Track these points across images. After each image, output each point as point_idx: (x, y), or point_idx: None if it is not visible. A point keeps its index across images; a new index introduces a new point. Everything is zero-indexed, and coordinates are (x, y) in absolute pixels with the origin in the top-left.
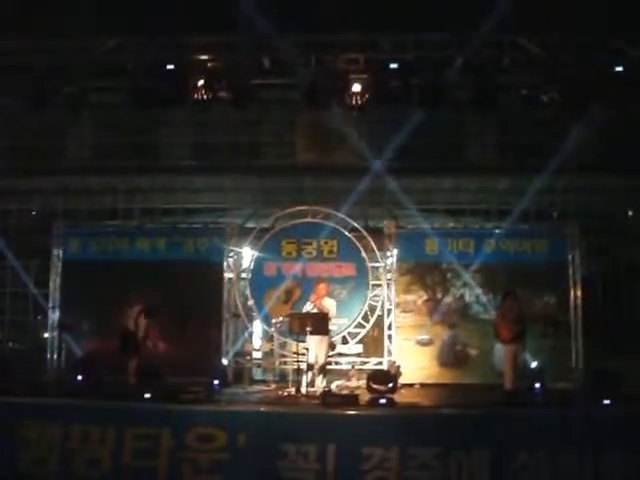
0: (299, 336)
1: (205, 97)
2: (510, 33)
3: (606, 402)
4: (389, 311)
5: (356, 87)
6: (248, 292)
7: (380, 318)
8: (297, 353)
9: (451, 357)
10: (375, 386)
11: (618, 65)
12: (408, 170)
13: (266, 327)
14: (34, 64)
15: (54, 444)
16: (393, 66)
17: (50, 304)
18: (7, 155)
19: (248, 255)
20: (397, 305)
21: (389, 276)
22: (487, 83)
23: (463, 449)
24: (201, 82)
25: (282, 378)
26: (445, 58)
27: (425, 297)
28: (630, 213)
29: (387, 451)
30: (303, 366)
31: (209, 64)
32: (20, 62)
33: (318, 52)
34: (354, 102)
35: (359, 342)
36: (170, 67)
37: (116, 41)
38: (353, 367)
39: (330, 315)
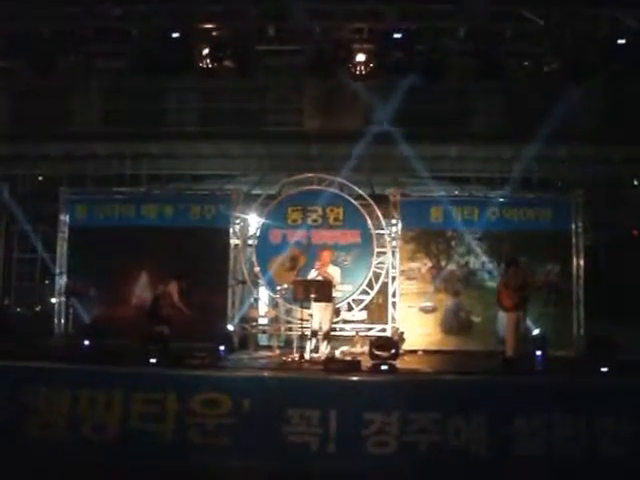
0: (304, 303)
1: (210, 66)
2: (513, 4)
3: (604, 370)
4: (393, 278)
5: (360, 57)
6: (254, 259)
7: (384, 285)
8: (302, 319)
9: (454, 324)
10: (378, 352)
11: (620, 37)
12: (414, 138)
13: (271, 294)
14: (40, 30)
15: (62, 409)
16: (397, 36)
17: (57, 270)
18: (13, 121)
19: (254, 222)
20: (401, 272)
21: (394, 243)
22: (490, 53)
23: (461, 415)
24: (206, 51)
25: (287, 344)
26: (448, 28)
27: (429, 265)
28: (635, 183)
29: (388, 416)
30: (308, 332)
31: (214, 32)
32: (25, 28)
33: (323, 22)
34: (358, 71)
35: (363, 309)
36: (175, 35)
37: (121, 8)
38: (357, 333)
39: (335, 282)
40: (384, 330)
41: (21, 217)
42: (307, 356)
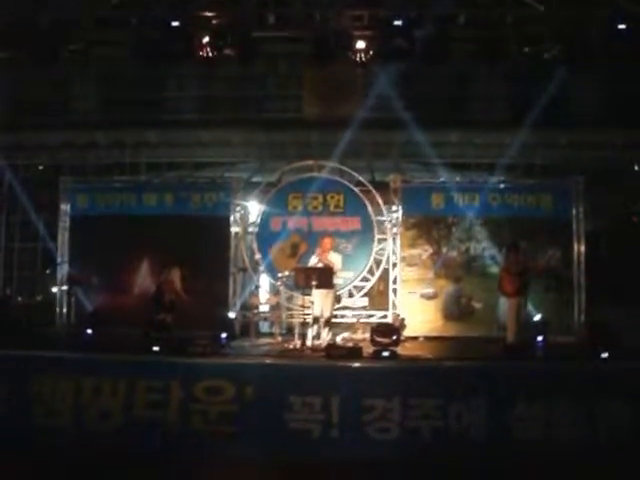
0: (305, 290)
1: (210, 54)
2: None
3: (604, 355)
4: (394, 265)
5: (360, 44)
6: (255, 246)
7: (385, 272)
8: (303, 306)
9: (455, 310)
10: (379, 339)
11: (620, 22)
12: (414, 124)
13: (272, 281)
14: (39, 18)
15: (67, 397)
16: (397, 23)
17: (59, 259)
18: (13, 110)
19: (255, 209)
20: (402, 259)
21: (395, 230)
22: (491, 38)
23: (462, 400)
24: (206, 39)
25: (288, 331)
26: (448, 14)
27: (430, 251)
28: (636, 168)
29: (389, 402)
30: (309, 319)
31: (214, 20)
32: (25, 16)
33: (323, 9)
34: (358, 58)
35: (364, 295)
36: (175, 23)
37: None
38: (358, 320)
39: (336, 269)
40: (385, 316)
41: (22, 206)
42: (309, 343)
